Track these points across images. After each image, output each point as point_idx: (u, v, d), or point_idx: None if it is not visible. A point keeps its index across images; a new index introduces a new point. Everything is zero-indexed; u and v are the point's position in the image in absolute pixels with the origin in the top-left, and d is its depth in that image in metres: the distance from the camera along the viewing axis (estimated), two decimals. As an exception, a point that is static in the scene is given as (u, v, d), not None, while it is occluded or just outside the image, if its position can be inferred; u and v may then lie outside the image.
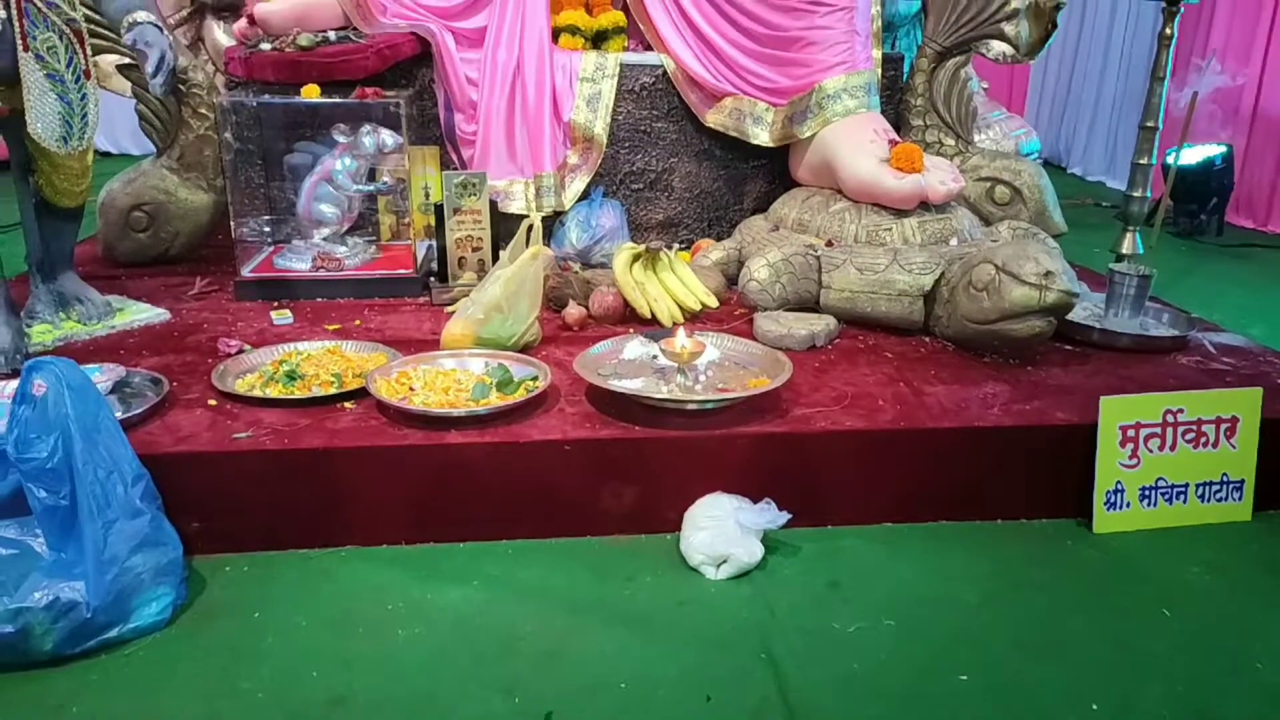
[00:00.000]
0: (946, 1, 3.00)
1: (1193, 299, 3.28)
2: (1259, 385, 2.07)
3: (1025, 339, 2.25)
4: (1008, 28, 2.99)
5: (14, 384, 1.94)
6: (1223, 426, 2.00)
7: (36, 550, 1.60)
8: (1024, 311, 2.20)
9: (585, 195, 3.14)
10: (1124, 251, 3.04)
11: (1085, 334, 2.45)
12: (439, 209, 2.79)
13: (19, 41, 2.08)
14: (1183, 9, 2.89)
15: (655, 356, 2.20)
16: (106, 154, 6.00)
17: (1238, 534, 2.00)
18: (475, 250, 2.81)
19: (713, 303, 2.70)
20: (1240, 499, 2.03)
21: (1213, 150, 4.35)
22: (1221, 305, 3.36)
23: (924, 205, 2.72)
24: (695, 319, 2.64)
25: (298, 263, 2.86)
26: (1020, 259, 2.21)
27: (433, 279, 2.85)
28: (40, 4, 2.10)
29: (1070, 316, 2.37)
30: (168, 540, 1.67)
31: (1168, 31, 2.90)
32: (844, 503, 1.99)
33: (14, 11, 2.06)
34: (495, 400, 2.01)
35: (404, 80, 3.02)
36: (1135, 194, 3.02)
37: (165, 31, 2.25)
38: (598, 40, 3.23)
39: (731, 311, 2.70)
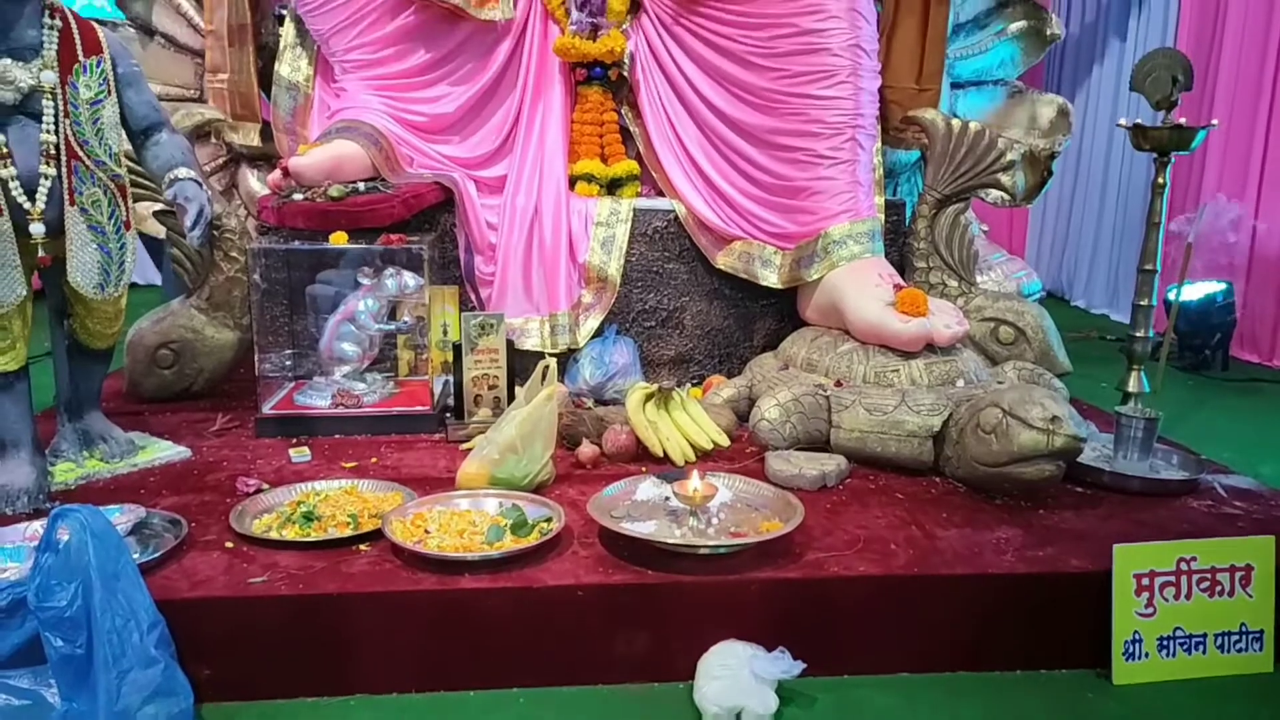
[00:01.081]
0: (944, 155, 3.14)
1: (1201, 435, 3.29)
2: (1271, 531, 2.07)
3: (1035, 482, 2.27)
4: (1004, 178, 3.13)
5: (36, 525, 1.99)
6: (1237, 575, 1.99)
7: (49, 700, 1.60)
8: (1033, 455, 2.22)
9: (599, 332, 3.22)
10: (1130, 390, 3.07)
11: (1096, 476, 2.46)
12: (457, 348, 2.87)
13: (66, 197, 2.21)
14: (1173, 159, 3.02)
15: (668, 498, 2.22)
16: (134, 285, 6.16)
17: (1260, 686, 1.95)
18: (491, 388, 2.87)
19: (724, 441, 2.73)
20: (1261, 649, 1.99)
21: (1213, 287, 4.45)
22: (1231, 441, 3.37)
23: (930, 347, 2.78)
24: (707, 457, 2.67)
25: (318, 399, 2.92)
26: (1026, 403, 2.25)
27: (449, 415, 2.90)
28: (89, 162, 2.23)
29: (1080, 458, 2.39)
30: (179, 690, 1.66)
31: (1160, 180, 3.02)
32: (859, 651, 1.97)
33: (64, 170, 2.19)
34: (509, 543, 2.02)
35: (427, 225, 3.16)
36: (1138, 334, 3.07)
37: (204, 186, 2.38)
38: (612, 187, 3.38)
39: (743, 449, 2.73)
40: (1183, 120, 2.89)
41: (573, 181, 3.33)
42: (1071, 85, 6.08)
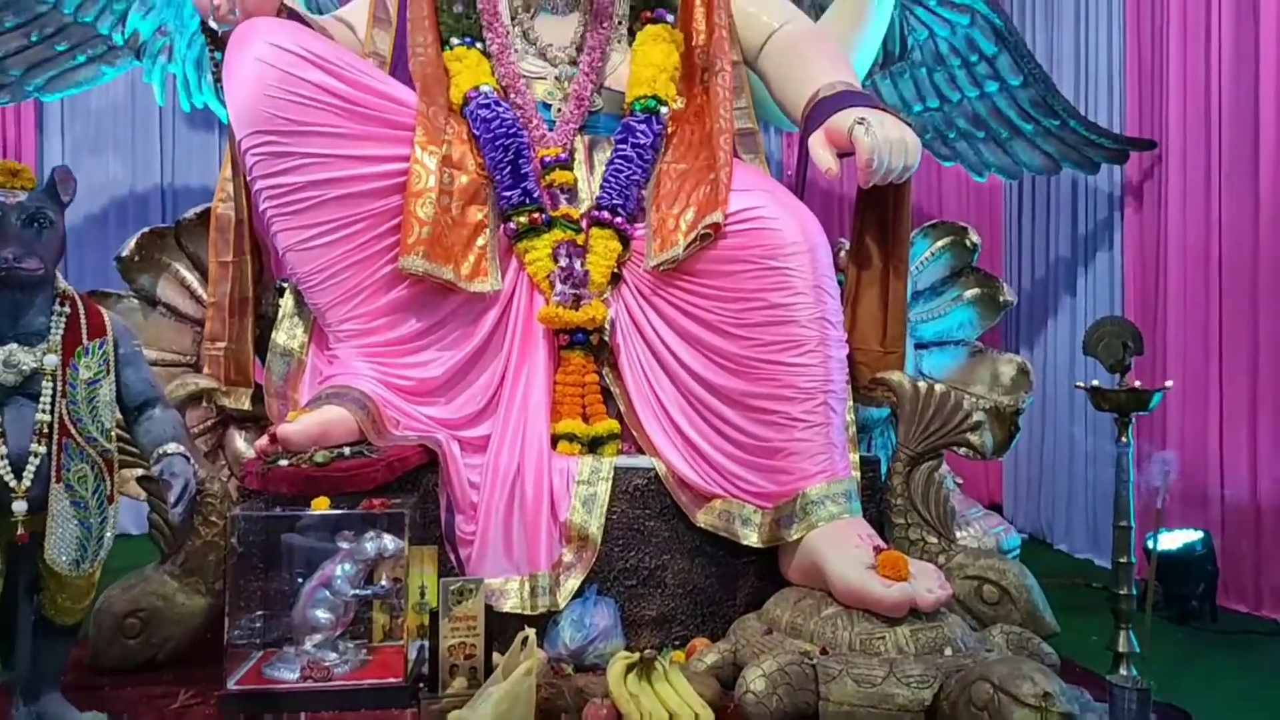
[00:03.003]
0: (913, 415, 3.27)
1: (1196, 695, 3.20)
2: (1284, 818, 1.99)
3: (1035, 765, 2.19)
4: (973, 438, 3.24)
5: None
6: None
7: None
8: (1029, 734, 2.16)
9: (579, 593, 3.17)
10: (1120, 650, 3.03)
11: (1096, 754, 2.38)
12: (434, 613, 2.81)
13: (54, 474, 2.23)
14: (1134, 420, 3.15)
15: (651, 787, 2.11)
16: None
17: None
18: (468, 658, 2.79)
19: (708, 715, 2.63)
20: None
21: (1191, 536, 4.47)
22: (1226, 701, 3.29)
23: (914, 612, 2.75)
24: (692, 733, 2.56)
25: (286, 672, 2.80)
26: (1016, 678, 2.21)
27: (423, 686, 2.79)
28: (80, 439, 2.28)
29: (1078, 733, 2.32)
30: None
31: (1123, 440, 3.13)
32: None
33: (55, 447, 2.24)
34: (482, 845, 1.89)
35: (410, 486, 3.18)
36: (1121, 592, 3.07)
37: (191, 460, 2.42)
38: (594, 446, 3.45)
39: (729, 724, 2.63)
40: (1138, 383, 3.04)
41: (555, 441, 3.40)
42: (1029, 338, 6.38)
